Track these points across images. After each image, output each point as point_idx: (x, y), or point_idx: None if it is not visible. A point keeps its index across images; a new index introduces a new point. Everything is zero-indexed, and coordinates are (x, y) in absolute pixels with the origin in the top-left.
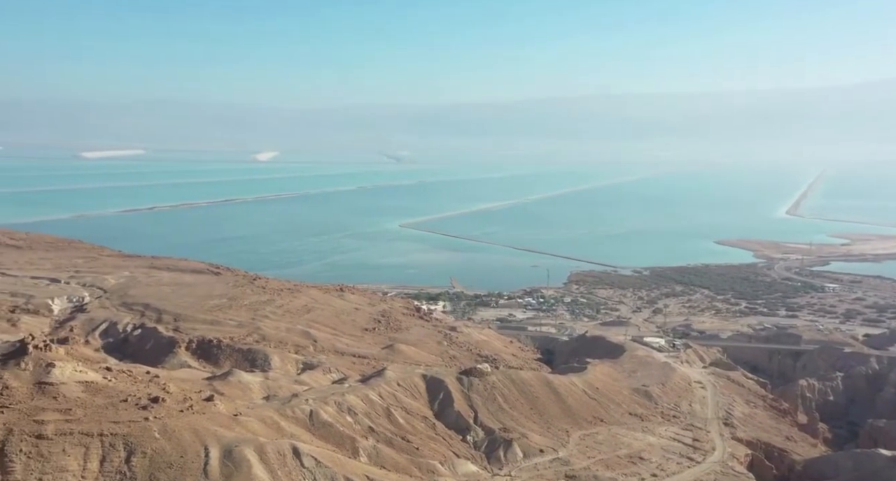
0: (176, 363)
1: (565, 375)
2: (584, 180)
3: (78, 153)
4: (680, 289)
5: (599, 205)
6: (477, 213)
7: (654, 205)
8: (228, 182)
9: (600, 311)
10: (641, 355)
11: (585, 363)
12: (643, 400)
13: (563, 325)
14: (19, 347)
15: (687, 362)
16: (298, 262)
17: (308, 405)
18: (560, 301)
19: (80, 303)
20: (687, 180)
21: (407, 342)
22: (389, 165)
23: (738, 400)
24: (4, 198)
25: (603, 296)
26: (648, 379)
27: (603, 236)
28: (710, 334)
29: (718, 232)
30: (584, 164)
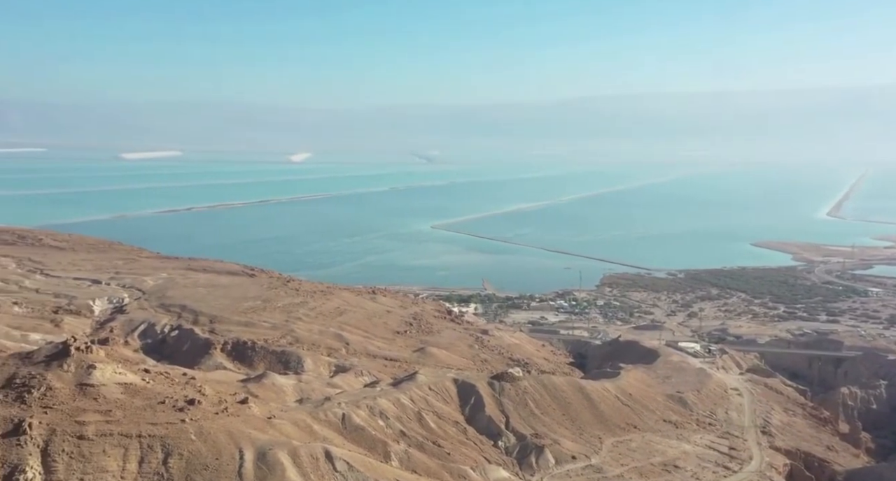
0: (211, 364)
1: (598, 381)
2: (617, 181)
3: (118, 154)
4: (716, 293)
5: (633, 206)
6: (509, 214)
7: (689, 206)
8: (263, 183)
9: (634, 315)
10: (676, 360)
11: (619, 368)
12: (678, 406)
13: (595, 329)
14: (62, 349)
15: (723, 368)
16: (332, 263)
17: (340, 408)
18: (593, 304)
19: (119, 304)
20: (723, 180)
21: (438, 345)
22: (421, 166)
23: (776, 408)
24: (50, 199)
25: (636, 299)
26: (683, 385)
27: (636, 238)
28: (746, 339)
29: (756, 233)
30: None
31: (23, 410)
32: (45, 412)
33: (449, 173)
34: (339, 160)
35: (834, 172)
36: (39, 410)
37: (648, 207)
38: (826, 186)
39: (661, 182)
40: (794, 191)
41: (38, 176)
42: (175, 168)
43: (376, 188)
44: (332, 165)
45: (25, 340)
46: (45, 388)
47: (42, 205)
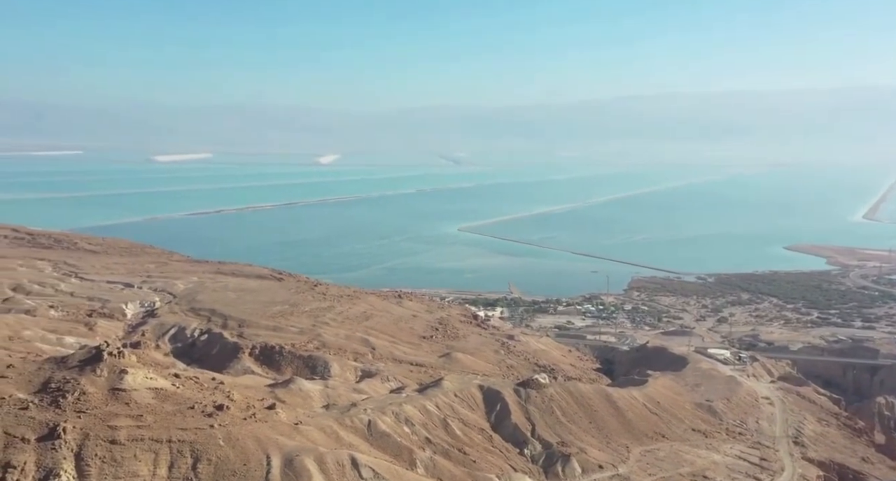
0: (240, 368)
1: (625, 388)
2: (646, 183)
3: (150, 157)
4: (747, 298)
5: (662, 208)
6: (536, 217)
7: (719, 209)
8: (292, 185)
9: (662, 320)
10: (705, 368)
11: (646, 375)
12: (707, 415)
13: (623, 334)
14: (95, 354)
15: (754, 376)
16: (359, 266)
17: (366, 415)
18: (620, 308)
19: (151, 307)
20: (753, 182)
21: (464, 350)
22: (448, 168)
23: (809, 418)
24: (86, 201)
25: (665, 304)
26: (713, 393)
27: (666, 241)
28: (778, 346)
29: (789, 237)
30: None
31: (57, 414)
32: (78, 416)
33: (476, 175)
34: (367, 162)
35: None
36: (73, 415)
37: (677, 209)
38: (861, 188)
39: (689, 183)
40: (828, 192)
41: (76, 178)
42: (205, 170)
43: (403, 190)
44: (359, 167)
45: (61, 344)
46: (78, 393)
47: (80, 208)
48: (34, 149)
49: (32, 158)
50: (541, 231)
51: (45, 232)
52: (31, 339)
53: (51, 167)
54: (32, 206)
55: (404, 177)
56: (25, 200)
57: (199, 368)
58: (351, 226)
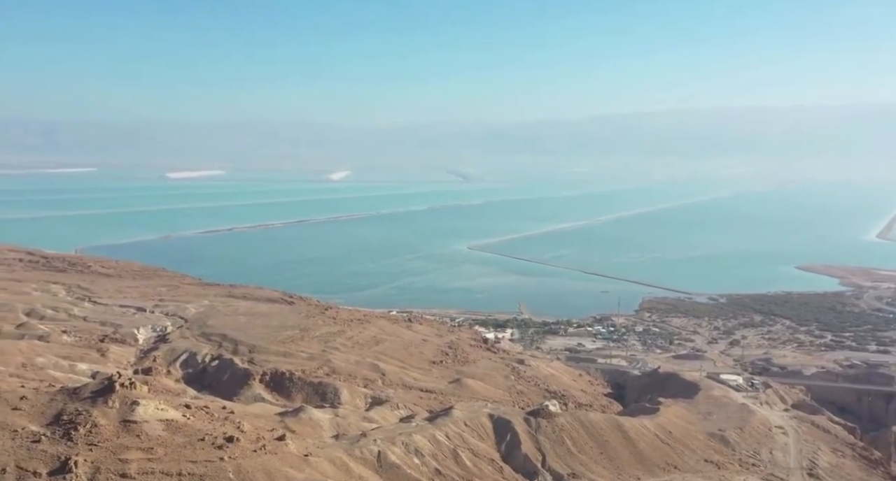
0: (250, 395)
1: (636, 417)
2: (657, 200)
3: (164, 173)
4: (759, 319)
5: (673, 225)
6: (546, 235)
7: (730, 226)
8: (303, 202)
9: (674, 342)
10: (717, 395)
11: (658, 403)
12: (720, 445)
13: (634, 357)
14: (107, 385)
15: (767, 403)
16: (369, 285)
17: (376, 446)
18: (631, 330)
19: (162, 332)
20: (765, 199)
21: (474, 376)
22: (458, 184)
23: (823, 448)
24: (101, 219)
25: (676, 326)
26: (725, 422)
27: (677, 260)
28: (791, 370)
29: (801, 256)
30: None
31: (69, 448)
32: (90, 449)
33: (485, 191)
34: (377, 178)
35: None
36: (85, 448)
37: (688, 227)
38: (875, 205)
39: (700, 200)
40: (840, 210)
41: (89, 196)
42: (218, 187)
43: (414, 207)
44: (369, 183)
45: (73, 371)
46: (90, 425)
47: (94, 226)
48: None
49: (47, 176)
50: (551, 249)
51: (60, 255)
52: (45, 366)
53: (65, 184)
54: (46, 224)
55: (414, 194)
56: (39, 218)
57: (210, 394)
58: (361, 244)
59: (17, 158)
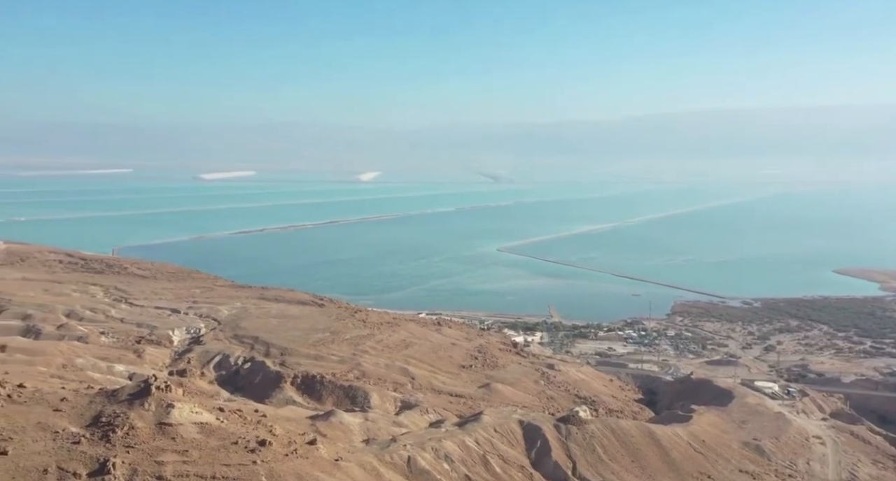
0: (282, 398)
1: (669, 425)
2: (689, 201)
3: (196, 175)
4: (795, 324)
5: (706, 228)
6: (576, 237)
7: (765, 229)
8: (333, 203)
9: (706, 347)
10: (752, 403)
11: (690, 410)
12: (755, 455)
13: (666, 363)
14: (143, 388)
15: (804, 412)
16: (398, 287)
17: (406, 451)
18: (663, 334)
19: (196, 334)
20: (803, 201)
21: (504, 381)
22: (487, 185)
23: (863, 460)
24: (136, 220)
25: (709, 330)
26: (760, 431)
27: (709, 263)
28: (829, 377)
29: (838, 260)
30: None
31: (107, 449)
32: (127, 451)
33: (515, 193)
34: (406, 179)
35: None
36: (122, 450)
37: (721, 229)
38: None
39: (734, 202)
40: (879, 212)
41: (125, 197)
42: (249, 188)
43: (442, 208)
44: (398, 185)
45: (111, 372)
46: (127, 427)
47: (130, 226)
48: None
49: (85, 177)
50: (581, 251)
51: (98, 256)
52: (84, 367)
53: (102, 186)
54: (84, 225)
55: (443, 195)
56: (78, 219)
57: (242, 396)
58: (390, 246)
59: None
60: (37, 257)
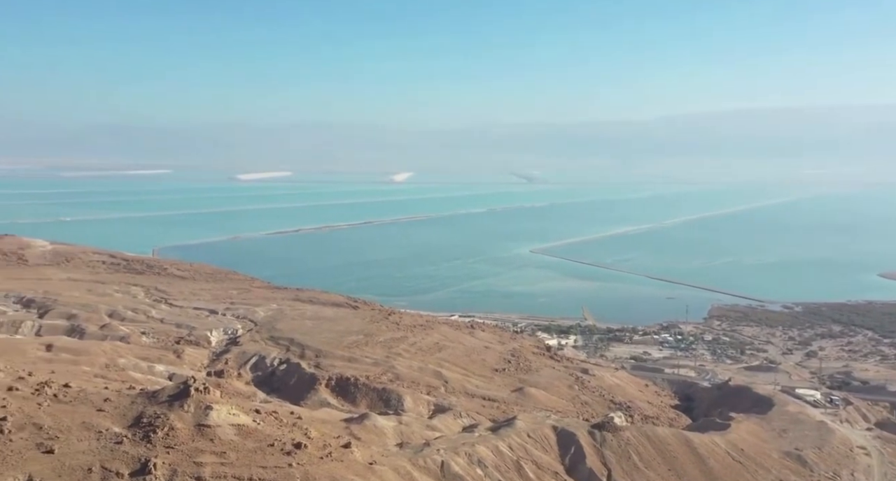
0: (316, 400)
1: (706, 433)
2: (727, 202)
3: (233, 175)
4: (838, 330)
5: (745, 229)
6: (610, 238)
7: (806, 231)
8: (367, 204)
9: (745, 352)
10: (793, 411)
11: (729, 418)
12: (796, 465)
13: (703, 368)
14: (183, 389)
15: (847, 421)
16: (431, 289)
17: (439, 455)
18: (700, 339)
19: (233, 335)
20: (844, 202)
21: (537, 385)
22: (520, 185)
23: None
24: (175, 220)
25: (748, 335)
26: (802, 441)
27: (748, 266)
28: (874, 385)
29: (884, 263)
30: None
31: (148, 450)
32: (167, 452)
33: (549, 193)
34: (439, 180)
35: None
36: (163, 450)
37: (760, 231)
38: None
39: (775, 204)
40: None
41: (165, 197)
42: (285, 189)
43: (475, 209)
44: (432, 185)
45: (152, 372)
46: (168, 428)
47: (169, 226)
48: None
49: (125, 177)
50: (616, 253)
51: (139, 257)
52: (125, 367)
53: (142, 186)
54: (126, 225)
55: (477, 196)
56: (120, 219)
57: (278, 398)
58: (423, 247)
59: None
60: (81, 258)
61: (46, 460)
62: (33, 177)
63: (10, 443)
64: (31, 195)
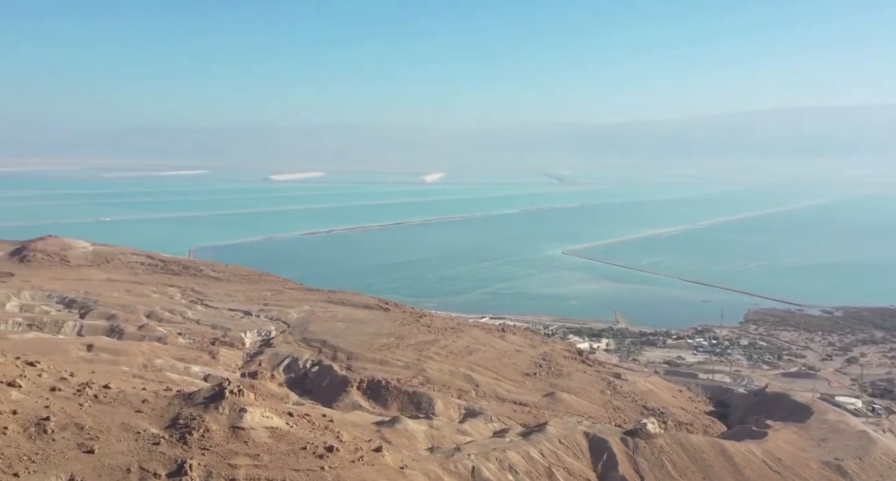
0: (348, 402)
1: (742, 441)
2: (764, 203)
3: (267, 176)
4: (880, 335)
5: (781, 232)
6: (643, 240)
7: (846, 233)
8: (399, 204)
9: (782, 358)
10: (833, 420)
11: (765, 426)
12: (836, 476)
13: (738, 374)
14: (218, 391)
15: (890, 431)
16: (462, 290)
17: (470, 461)
18: (735, 343)
19: (267, 336)
20: (887, 203)
21: (569, 390)
22: (552, 186)
23: None
24: (211, 221)
25: (785, 340)
26: (842, 451)
27: (786, 268)
28: None
29: None
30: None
31: (184, 451)
32: (203, 454)
33: (581, 194)
34: (470, 180)
35: None
36: (198, 452)
37: (799, 234)
38: None
39: (815, 205)
40: None
41: (201, 198)
42: (318, 189)
43: (507, 210)
44: (463, 186)
45: (187, 373)
46: (203, 430)
47: (205, 227)
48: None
49: (163, 178)
50: (649, 255)
51: (176, 259)
52: (162, 368)
53: (178, 187)
54: (163, 225)
55: (508, 196)
56: (158, 219)
57: (310, 399)
58: (454, 248)
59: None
60: (120, 259)
61: (87, 460)
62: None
63: (53, 443)
64: (73, 195)
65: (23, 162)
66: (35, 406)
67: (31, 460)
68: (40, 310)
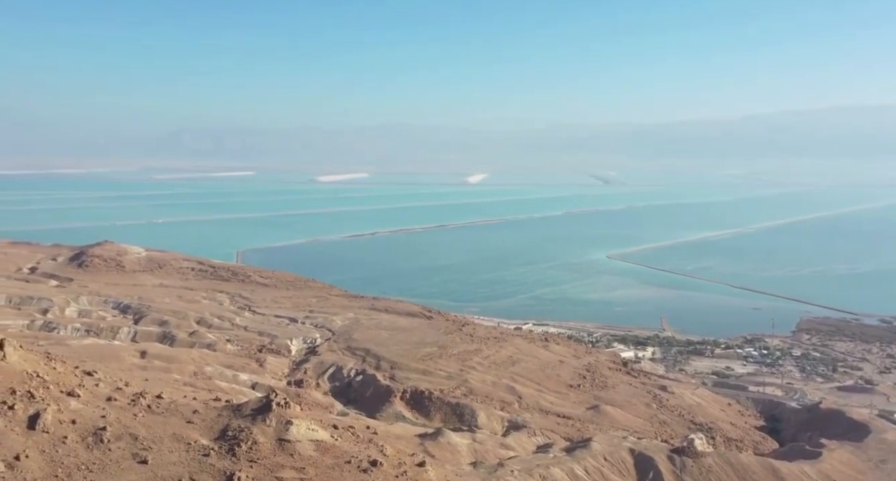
0: (391, 413)
1: (794, 461)
2: (818, 206)
3: (313, 177)
4: None
5: (837, 236)
6: (692, 244)
7: None
8: (442, 206)
9: (837, 370)
10: (892, 440)
11: (819, 444)
12: None
13: (791, 386)
14: (265, 403)
15: None
16: (504, 294)
17: (514, 477)
18: (787, 354)
19: (312, 344)
20: None
21: (613, 402)
22: (597, 187)
23: None
24: (258, 222)
25: (841, 351)
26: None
27: (842, 275)
28: None
29: None
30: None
31: (233, 463)
32: (250, 466)
33: (627, 196)
34: (514, 181)
35: None
36: (246, 464)
37: (856, 238)
38: None
39: (873, 207)
40: None
41: (248, 199)
42: (362, 190)
43: (551, 212)
44: (507, 187)
45: (236, 381)
46: (251, 442)
47: (252, 229)
48: (214, 170)
49: (213, 179)
50: (697, 260)
51: (225, 264)
52: (212, 375)
53: (227, 188)
54: (212, 227)
55: (551, 198)
56: (206, 221)
57: (354, 408)
58: (497, 251)
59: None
60: (172, 264)
61: (141, 470)
62: (129, 179)
63: (109, 453)
64: (127, 197)
65: (80, 164)
66: (92, 415)
67: (89, 469)
68: (97, 316)
